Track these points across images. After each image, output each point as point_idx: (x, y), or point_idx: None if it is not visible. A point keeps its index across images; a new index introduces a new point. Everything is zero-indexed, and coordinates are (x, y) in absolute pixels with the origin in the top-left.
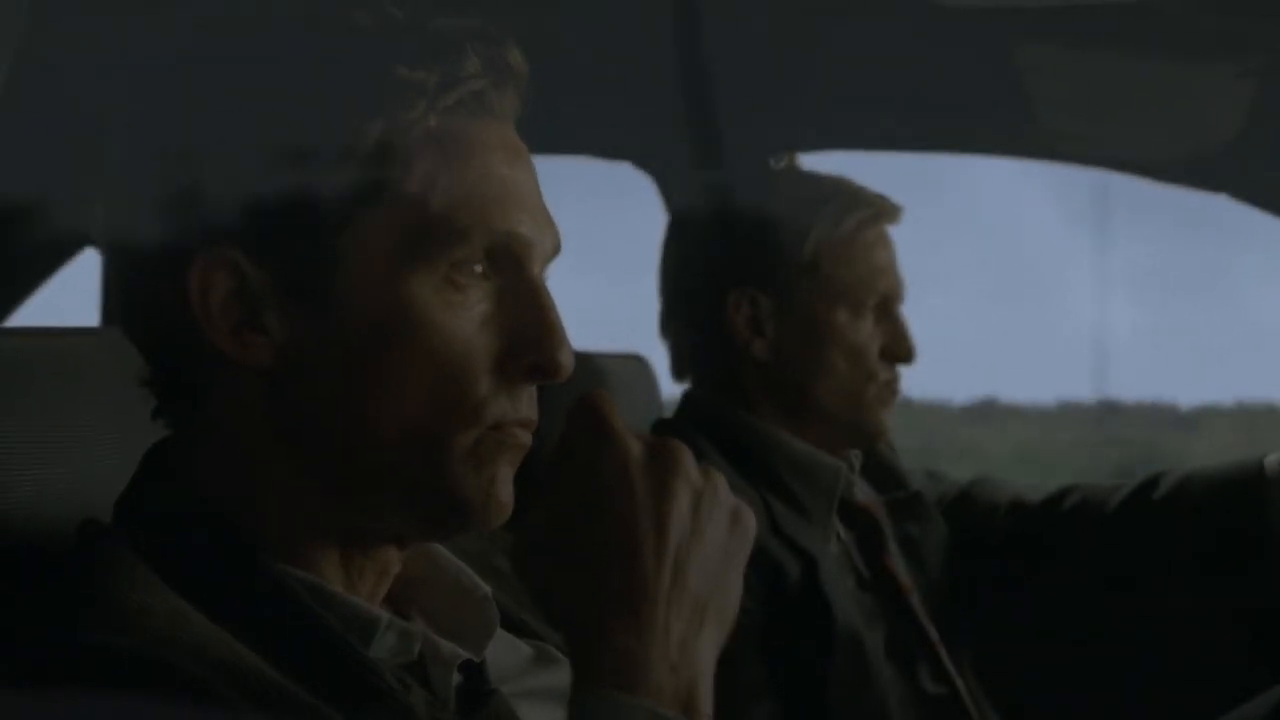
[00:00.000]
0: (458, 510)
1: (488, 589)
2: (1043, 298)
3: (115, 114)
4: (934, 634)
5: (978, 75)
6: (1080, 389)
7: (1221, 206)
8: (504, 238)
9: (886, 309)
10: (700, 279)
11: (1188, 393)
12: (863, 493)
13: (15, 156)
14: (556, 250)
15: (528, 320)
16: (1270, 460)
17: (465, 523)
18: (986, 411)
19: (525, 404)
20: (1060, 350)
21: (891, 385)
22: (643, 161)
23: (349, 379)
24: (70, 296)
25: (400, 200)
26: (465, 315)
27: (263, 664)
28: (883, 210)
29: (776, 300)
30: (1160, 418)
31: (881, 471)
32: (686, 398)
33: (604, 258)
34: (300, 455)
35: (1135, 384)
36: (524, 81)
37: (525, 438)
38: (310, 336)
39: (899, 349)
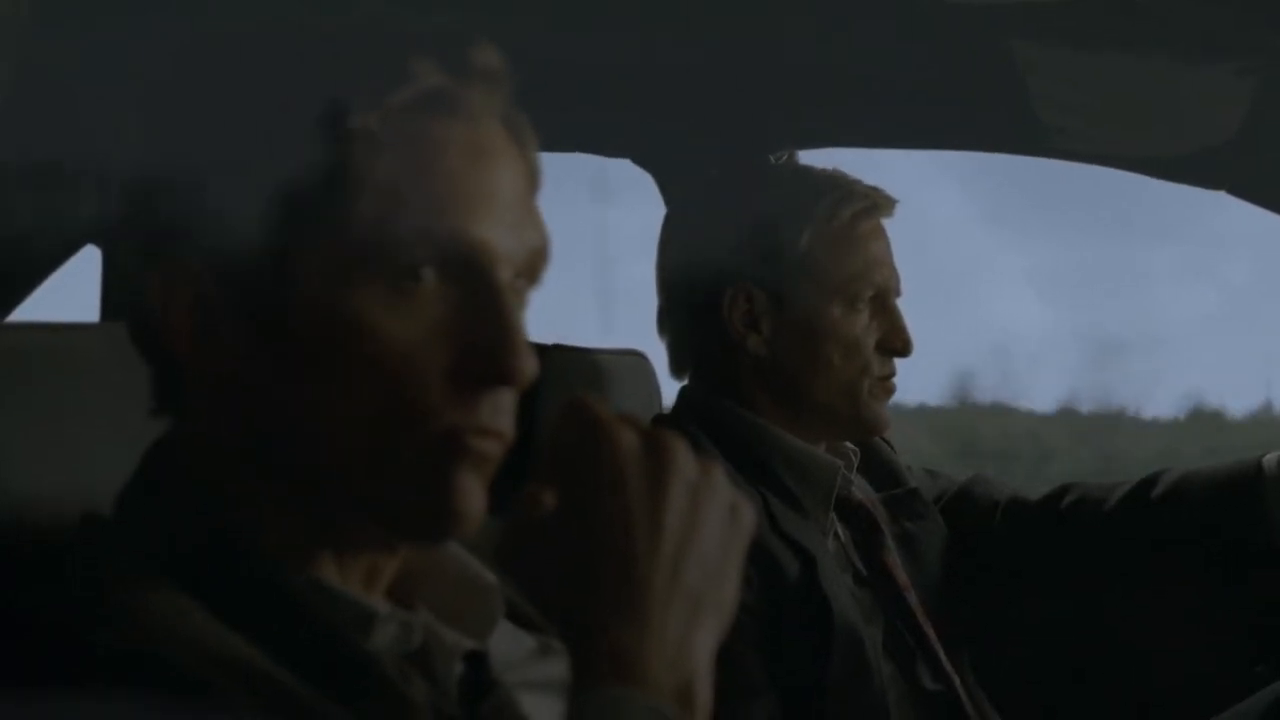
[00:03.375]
0: (411, 520)
1: (493, 578)
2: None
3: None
4: (931, 631)
5: (978, 73)
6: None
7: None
8: (455, 241)
9: (882, 302)
10: (696, 275)
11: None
12: (860, 490)
13: (16, 153)
14: (537, 254)
15: (482, 326)
16: (1268, 459)
17: (422, 532)
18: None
19: (487, 412)
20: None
21: (888, 378)
22: (641, 158)
23: (298, 388)
24: (71, 292)
25: (341, 205)
26: (413, 321)
27: (262, 660)
28: (877, 203)
29: (772, 295)
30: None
31: (880, 468)
32: (684, 394)
33: (603, 253)
34: (266, 461)
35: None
36: (497, 80)
37: (487, 447)
38: (264, 346)
39: (895, 342)
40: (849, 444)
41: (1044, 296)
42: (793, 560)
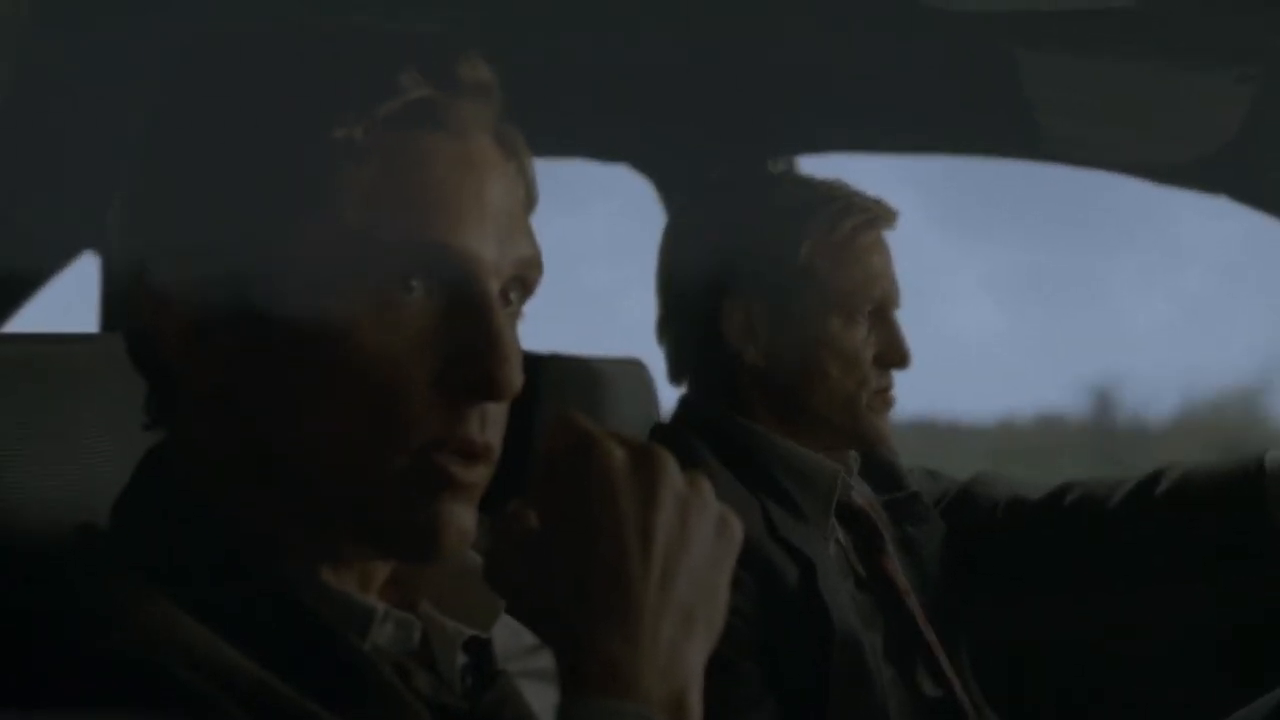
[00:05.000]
0: (396, 542)
1: None
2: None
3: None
4: (931, 636)
5: (978, 79)
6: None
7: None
8: (439, 251)
9: (882, 315)
10: (696, 283)
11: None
12: (860, 494)
13: (15, 159)
14: (527, 266)
15: (468, 337)
16: (1271, 456)
17: (407, 554)
18: None
19: (474, 425)
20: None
21: (886, 392)
22: (641, 165)
23: (287, 400)
24: (70, 302)
25: (327, 217)
26: (399, 333)
27: (255, 667)
28: (879, 215)
29: (771, 306)
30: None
31: (881, 471)
32: (683, 402)
33: (602, 260)
34: (258, 472)
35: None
36: (485, 92)
37: (472, 475)
38: (254, 357)
39: (893, 355)
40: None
41: (1000, 302)
42: (792, 566)
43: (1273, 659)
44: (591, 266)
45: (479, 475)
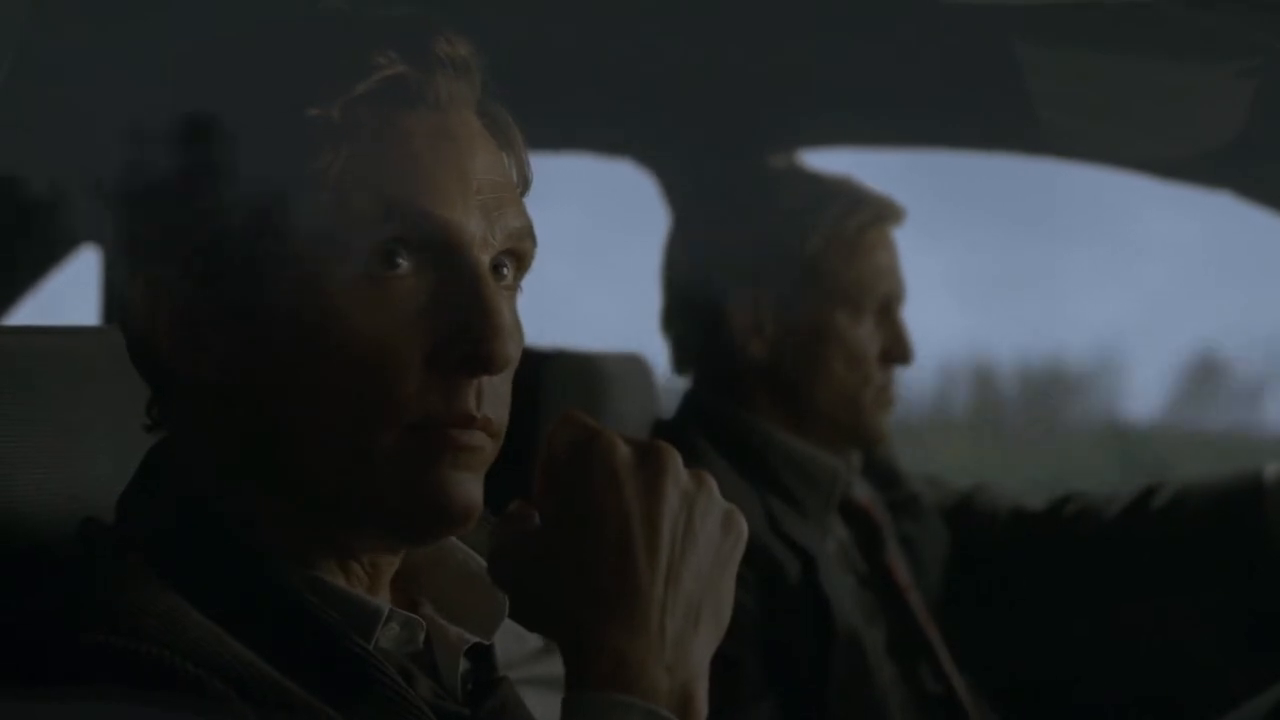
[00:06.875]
0: (401, 519)
1: None
2: None
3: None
4: (933, 634)
5: (978, 73)
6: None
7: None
8: (420, 221)
9: (887, 311)
10: (701, 277)
11: None
12: (862, 492)
13: (14, 152)
14: (517, 238)
15: (459, 309)
16: (1269, 470)
17: (414, 532)
18: None
19: (470, 400)
20: None
21: (888, 389)
22: (644, 159)
23: (275, 388)
24: (71, 295)
25: (310, 199)
26: (387, 311)
27: (260, 662)
28: (886, 212)
29: (777, 300)
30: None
31: (880, 471)
32: (686, 397)
33: (604, 255)
34: (259, 465)
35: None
36: (463, 68)
37: (470, 438)
38: (244, 348)
39: (897, 352)
40: None
41: (961, 301)
42: (793, 561)
43: (1268, 668)
44: (556, 260)
45: (479, 440)
